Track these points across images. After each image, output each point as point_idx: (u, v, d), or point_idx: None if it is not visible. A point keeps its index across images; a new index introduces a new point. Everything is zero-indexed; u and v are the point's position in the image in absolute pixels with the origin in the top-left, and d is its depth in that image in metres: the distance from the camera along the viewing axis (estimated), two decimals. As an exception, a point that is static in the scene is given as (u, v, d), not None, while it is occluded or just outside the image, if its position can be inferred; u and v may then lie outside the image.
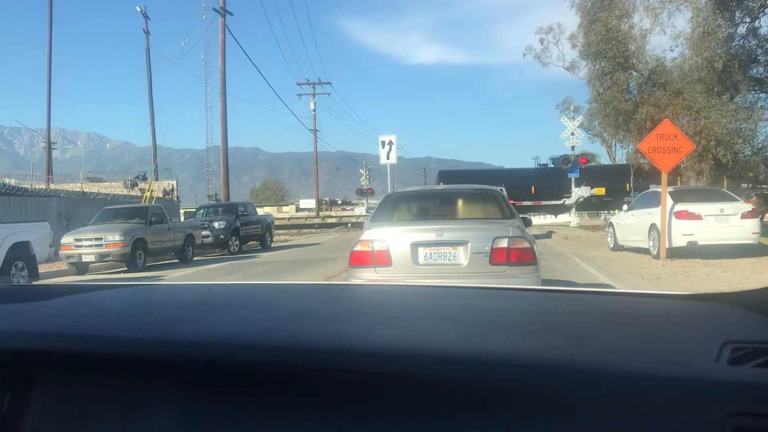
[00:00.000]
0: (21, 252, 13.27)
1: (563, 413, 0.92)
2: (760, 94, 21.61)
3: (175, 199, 34.45)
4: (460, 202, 7.67)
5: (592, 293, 1.75)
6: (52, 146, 36.04)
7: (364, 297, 1.81)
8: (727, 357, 0.96)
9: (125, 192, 31.72)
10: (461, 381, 0.98)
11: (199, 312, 1.51)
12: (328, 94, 55.21)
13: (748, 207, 14.66)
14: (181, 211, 34.14)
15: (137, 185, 32.97)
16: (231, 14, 32.32)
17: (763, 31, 20.62)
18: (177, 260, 19.45)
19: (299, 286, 2.15)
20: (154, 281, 13.53)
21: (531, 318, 1.37)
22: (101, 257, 16.64)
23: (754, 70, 21.10)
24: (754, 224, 14.04)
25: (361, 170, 57.26)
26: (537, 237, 22.24)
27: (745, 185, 23.64)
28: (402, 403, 0.99)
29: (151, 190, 31.02)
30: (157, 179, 36.42)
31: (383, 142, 30.60)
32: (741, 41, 20.61)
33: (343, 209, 64.53)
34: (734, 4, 19.80)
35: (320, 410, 1.02)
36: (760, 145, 20.27)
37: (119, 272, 16.72)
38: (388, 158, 30.42)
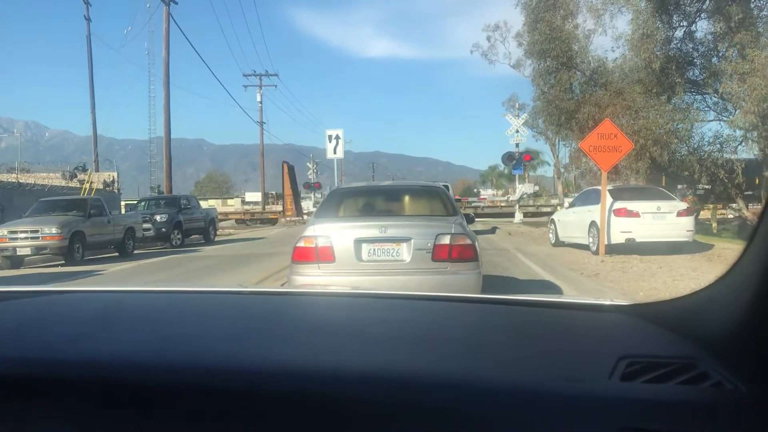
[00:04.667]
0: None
1: (454, 430, 0.92)
2: (696, 96, 22.29)
3: (116, 191, 33.62)
4: (405, 199, 7.71)
5: (502, 302, 1.77)
6: (-14, 134, 34.64)
7: (272, 309, 1.78)
8: (621, 372, 0.99)
9: (64, 183, 30.75)
10: (353, 400, 0.98)
11: (98, 328, 1.46)
12: (275, 86, 54.64)
13: (683, 205, 15.15)
14: (123, 203, 33.36)
15: (76, 176, 32.02)
16: (176, 3, 31.65)
17: (699, 35, 21.28)
18: (117, 254, 19.00)
19: (211, 296, 2.09)
20: (91, 276, 13.18)
21: (437, 331, 1.37)
22: (37, 250, 16.16)
23: (691, 73, 21.73)
24: (688, 222, 14.51)
25: (308, 164, 57.03)
26: (481, 232, 22.55)
27: (681, 186, 24.36)
28: (294, 422, 0.98)
29: (91, 182, 30.15)
30: (97, 170, 35.44)
31: (330, 137, 30.57)
32: (678, 44, 21.21)
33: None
34: (672, 8, 20.36)
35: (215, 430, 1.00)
36: (695, 145, 20.91)
37: (56, 266, 16.23)
38: (335, 153, 30.41)
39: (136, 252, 19.63)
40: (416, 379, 1.00)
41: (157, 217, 21.92)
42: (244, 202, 68.83)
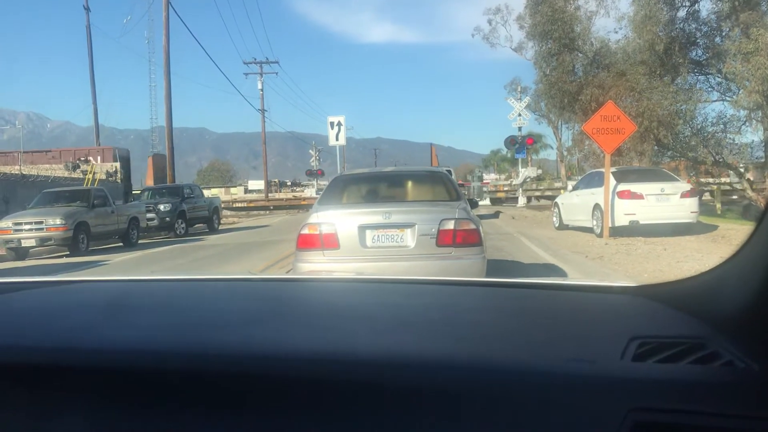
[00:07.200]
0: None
1: (466, 413, 0.93)
2: (699, 76, 22.17)
3: (119, 181, 33.61)
4: (408, 185, 7.69)
5: (512, 285, 1.77)
6: (-12, 127, 34.66)
7: (281, 295, 1.78)
8: (632, 353, 0.99)
9: (66, 174, 30.75)
10: (365, 383, 0.98)
11: (110, 316, 1.46)
12: (276, 73, 54.52)
13: (687, 186, 15.09)
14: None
15: (79, 167, 31.99)
16: (175, -9, 31.48)
17: (702, 14, 21.13)
18: (121, 244, 19.03)
19: (220, 283, 2.10)
20: (96, 266, 13.22)
21: (447, 315, 1.38)
22: (42, 241, 16.20)
23: (694, 53, 21.60)
24: (693, 203, 14.46)
25: (310, 151, 56.80)
26: (485, 217, 22.53)
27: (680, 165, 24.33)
28: (307, 407, 0.98)
29: (94, 172, 30.14)
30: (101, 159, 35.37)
31: (332, 123, 30.47)
32: (681, 24, 21.07)
33: (293, 191, 63.91)
34: (675, -12, 20.24)
35: (231, 416, 1.00)
36: (699, 126, 20.81)
37: (61, 257, 16.28)
38: (337, 139, 30.34)
39: (140, 242, 19.66)
40: (427, 362, 1.00)
41: (161, 207, 21.94)
42: (246, 191, 68.87)
